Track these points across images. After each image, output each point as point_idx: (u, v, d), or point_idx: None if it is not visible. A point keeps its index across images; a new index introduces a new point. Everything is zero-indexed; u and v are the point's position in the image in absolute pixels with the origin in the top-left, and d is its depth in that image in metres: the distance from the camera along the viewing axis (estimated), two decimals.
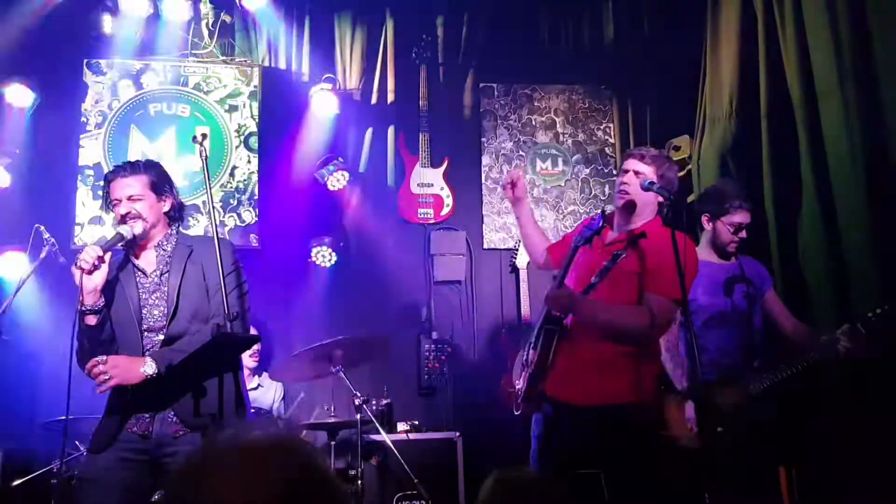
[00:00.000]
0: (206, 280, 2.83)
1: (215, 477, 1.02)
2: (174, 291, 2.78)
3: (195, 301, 2.81)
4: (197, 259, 2.85)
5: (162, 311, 2.78)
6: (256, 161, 5.51)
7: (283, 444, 1.07)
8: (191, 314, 2.79)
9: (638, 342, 3.06)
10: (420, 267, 5.52)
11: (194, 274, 2.83)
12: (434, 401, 5.27)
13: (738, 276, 3.66)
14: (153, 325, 2.78)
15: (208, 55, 5.61)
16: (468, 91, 5.80)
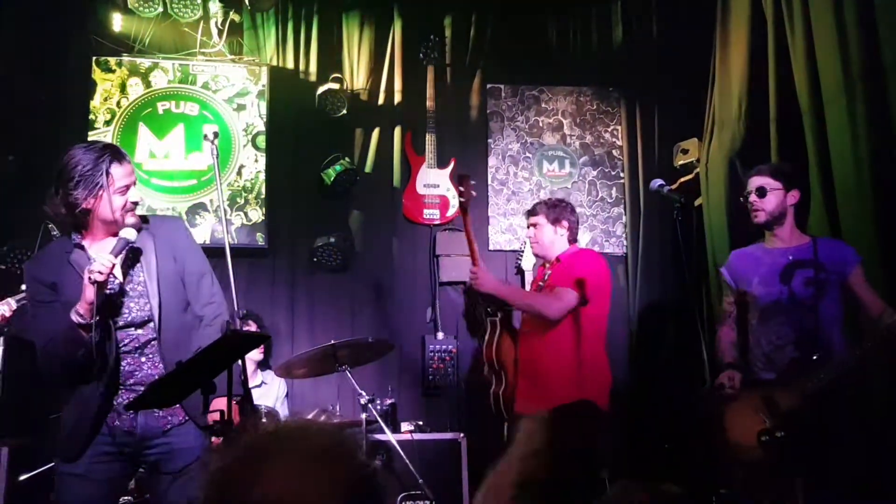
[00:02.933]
0: (178, 265, 2.73)
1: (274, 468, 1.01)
2: (153, 282, 2.64)
3: (177, 290, 2.72)
4: (163, 244, 2.72)
5: (140, 303, 2.65)
6: (264, 160, 5.52)
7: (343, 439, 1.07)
8: (178, 304, 2.70)
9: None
10: (425, 267, 5.53)
11: (164, 258, 2.71)
12: (438, 401, 5.27)
13: (804, 262, 3.36)
14: (132, 320, 2.65)
15: (217, 54, 5.62)
16: (475, 92, 5.80)
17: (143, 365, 2.64)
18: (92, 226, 2.64)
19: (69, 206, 2.56)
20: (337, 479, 1.00)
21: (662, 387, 5.11)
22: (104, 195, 2.56)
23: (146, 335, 2.66)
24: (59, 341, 2.52)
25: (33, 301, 2.65)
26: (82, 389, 2.60)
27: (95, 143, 2.78)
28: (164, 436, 2.63)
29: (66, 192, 2.54)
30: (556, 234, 3.95)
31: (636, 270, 5.53)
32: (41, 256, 2.86)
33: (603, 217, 5.73)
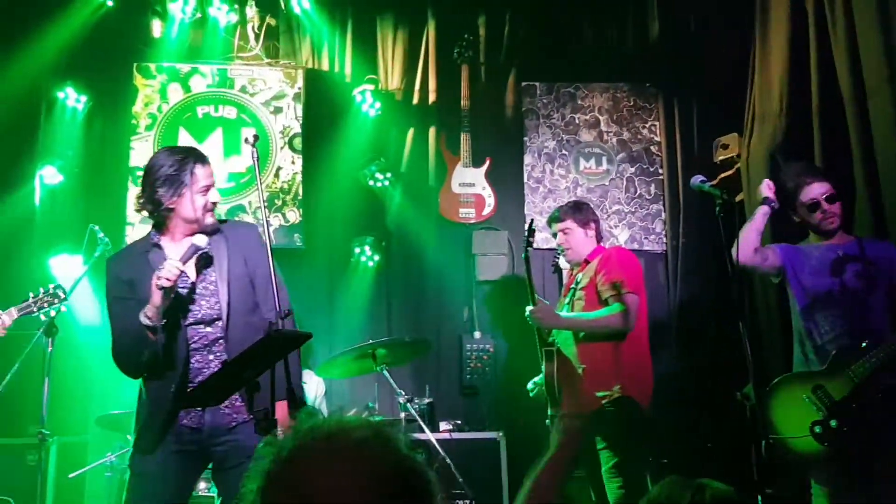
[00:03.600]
0: (249, 268, 2.81)
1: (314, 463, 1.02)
2: (223, 283, 2.74)
3: (246, 292, 2.80)
4: (235, 247, 2.81)
5: (210, 302, 2.75)
6: (300, 162, 5.58)
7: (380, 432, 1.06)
8: (246, 305, 2.78)
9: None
10: (462, 267, 5.53)
11: (235, 261, 2.80)
12: (476, 400, 5.28)
13: (852, 256, 3.37)
14: (202, 317, 2.74)
15: (254, 58, 5.70)
16: (510, 90, 5.78)
17: (210, 363, 2.72)
18: (172, 225, 2.75)
19: (155, 204, 2.69)
20: (376, 472, 1.00)
21: (705, 384, 5.05)
22: (187, 194, 2.69)
23: (214, 333, 2.74)
24: (129, 338, 2.62)
25: (111, 297, 2.75)
26: (153, 385, 2.69)
27: (179, 147, 2.97)
28: (229, 433, 2.70)
29: (152, 190, 2.68)
30: (587, 236, 3.94)
31: (676, 268, 5.47)
32: (123, 253, 2.98)
33: (641, 214, 5.68)
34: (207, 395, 2.63)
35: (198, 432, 2.69)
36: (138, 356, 2.62)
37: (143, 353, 2.61)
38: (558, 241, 4.02)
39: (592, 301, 3.75)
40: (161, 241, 2.77)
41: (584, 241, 3.93)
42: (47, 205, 5.35)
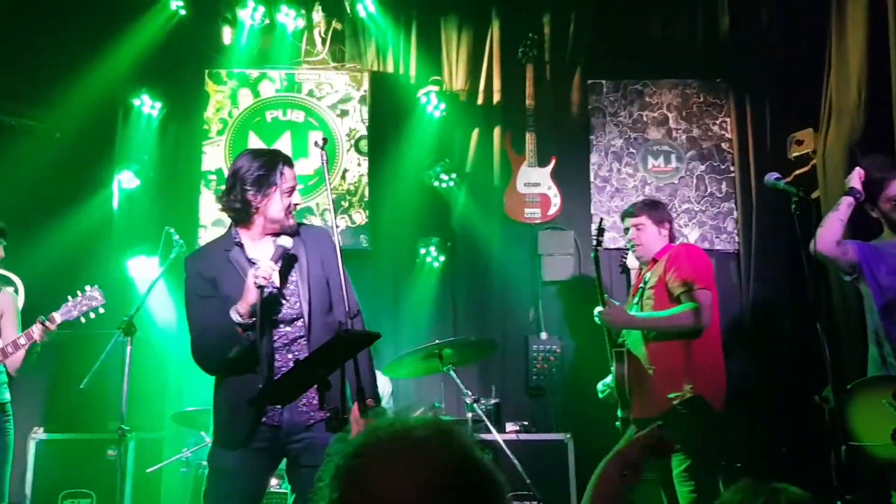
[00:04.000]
0: (324, 270, 2.86)
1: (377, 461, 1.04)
2: (304, 283, 2.79)
3: (323, 293, 2.85)
4: (312, 249, 2.86)
5: (291, 302, 2.79)
6: (366, 164, 5.64)
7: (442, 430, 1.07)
8: (323, 306, 2.83)
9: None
10: (527, 267, 5.49)
11: (313, 263, 2.85)
12: (543, 401, 5.24)
13: None
14: (283, 317, 2.78)
15: (320, 62, 5.79)
16: (576, 88, 5.71)
17: (290, 362, 2.75)
18: (255, 225, 2.80)
19: (244, 204, 2.73)
20: (438, 470, 1.01)
21: (779, 386, 4.91)
22: (275, 195, 2.74)
23: (294, 333, 2.78)
24: (214, 334, 2.67)
25: (192, 294, 2.79)
26: (236, 382, 2.72)
27: (264, 149, 2.99)
28: (306, 431, 2.74)
29: (242, 190, 2.72)
30: (660, 234, 3.86)
31: (749, 267, 5.32)
32: (203, 251, 3.03)
33: (712, 213, 5.54)
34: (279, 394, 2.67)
35: (276, 430, 2.73)
36: (225, 353, 2.65)
37: (230, 350, 2.64)
38: (629, 236, 3.95)
39: (662, 300, 3.68)
40: (242, 240, 2.82)
41: (656, 240, 3.86)
42: (124, 208, 5.55)
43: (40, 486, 4.50)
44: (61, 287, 5.13)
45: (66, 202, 5.40)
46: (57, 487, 4.49)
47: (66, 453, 4.54)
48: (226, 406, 2.76)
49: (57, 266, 5.19)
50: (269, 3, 5.70)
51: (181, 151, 5.78)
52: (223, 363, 2.70)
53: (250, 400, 2.66)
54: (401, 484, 1.00)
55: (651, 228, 3.86)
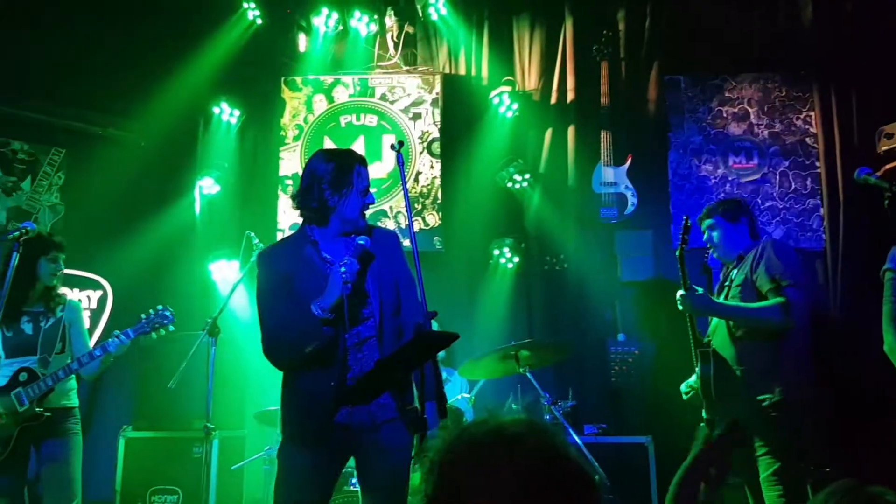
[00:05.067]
0: (395, 273, 2.86)
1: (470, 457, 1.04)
2: (375, 283, 2.79)
3: (393, 294, 2.85)
4: (383, 251, 2.85)
5: (364, 301, 2.78)
6: (439, 166, 5.66)
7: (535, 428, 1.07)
8: (393, 307, 2.83)
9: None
10: (604, 268, 5.40)
11: (384, 265, 2.84)
12: (622, 403, 5.14)
13: None
14: (355, 316, 2.75)
15: (393, 66, 5.85)
16: (652, 85, 5.61)
17: (360, 362, 2.75)
18: (330, 225, 2.80)
19: (321, 203, 2.74)
20: (528, 467, 1.01)
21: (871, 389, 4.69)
22: (350, 195, 2.74)
23: (365, 333, 2.77)
24: (292, 331, 2.67)
25: (265, 289, 2.79)
26: (308, 379, 2.72)
27: (339, 149, 3.09)
28: (375, 430, 2.72)
29: (319, 190, 2.74)
30: (736, 233, 3.73)
31: (836, 266, 5.11)
32: (277, 248, 3.04)
33: (797, 210, 5.35)
34: (360, 394, 2.68)
35: (346, 429, 2.72)
36: (303, 347, 2.65)
37: (308, 345, 2.64)
38: (705, 238, 3.85)
39: (750, 298, 3.54)
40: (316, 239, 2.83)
41: (734, 239, 3.73)
42: (206, 213, 5.72)
43: (129, 482, 4.65)
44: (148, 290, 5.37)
45: (152, 208, 5.60)
46: (145, 484, 4.63)
47: (154, 450, 4.68)
48: (296, 403, 2.76)
49: (143, 270, 5.39)
50: (343, 10, 5.79)
51: (259, 157, 5.93)
52: (298, 358, 2.69)
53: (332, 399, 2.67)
54: (493, 479, 1.01)
55: (725, 228, 3.74)
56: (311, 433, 2.69)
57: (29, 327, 3.76)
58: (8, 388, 3.61)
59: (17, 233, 3.08)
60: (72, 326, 3.90)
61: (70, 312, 3.91)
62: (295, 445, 2.73)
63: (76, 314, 3.95)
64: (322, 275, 2.69)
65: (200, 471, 4.16)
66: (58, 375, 3.62)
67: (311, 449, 2.69)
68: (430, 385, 2.68)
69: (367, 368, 2.73)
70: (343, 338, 2.71)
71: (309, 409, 2.70)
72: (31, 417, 3.60)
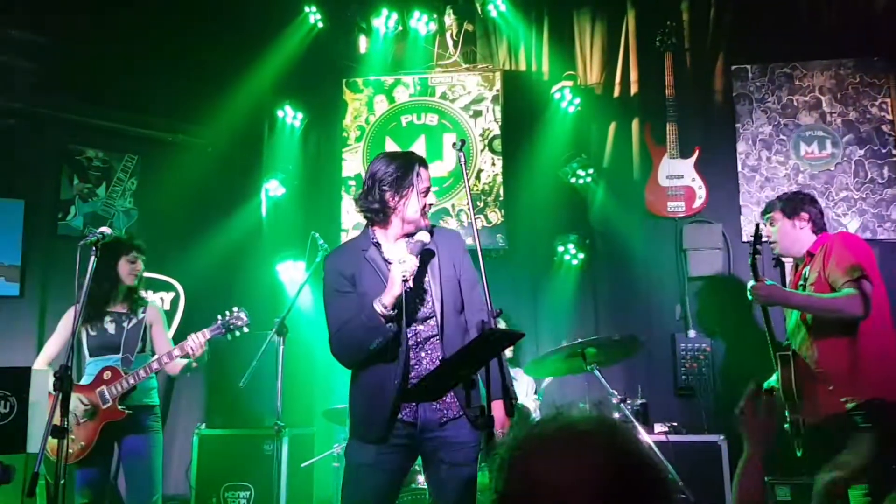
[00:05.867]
0: (457, 272, 2.87)
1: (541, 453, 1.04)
2: (436, 282, 2.81)
3: (455, 293, 2.86)
4: (445, 250, 2.88)
5: (424, 300, 2.81)
6: (500, 163, 5.64)
7: (606, 425, 1.07)
8: (455, 306, 2.84)
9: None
10: (672, 263, 5.30)
11: (445, 264, 2.86)
12: (693, 402, 5.02)
13: None
14: (416, 316, 2.79)
15: (452, 64, 5.85)
16: (719, 75, 5.48)
17: (422, 360, 2.78)
18: (392, 226, 2.85)
19: (382, 205, 2.79)
20: (601, 463, 1.01)
21: None
22: (411, 195, 2.78)
23: (426, 332, 2.80)
24: (357, 327, 2.71)
25: (331, 290, 2.85)
26: (373, 377, 2.76)
27: (399, 151, 3.11)
28: (440, 428, 2.74)
29: (380, 192, 2.79)
30: (795, 227, 3.59)
31: None
32: (342, 250, 3.08)
33: (874, 200, 5.15)
34: (425, 392, 2.68)
35: (412, 427, 2.75)
36: (367, 343, 2.69)
37: (373, 342, 2.68)
38: (766, 232, 3.73)
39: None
40: (379, 240, 2.87)
41: (793, 235, 3.60)
42: (272, 215, 5.83)
43: (203, 478, 4.76)
44: (218, 291, 5.52)
45: (220, 211, 5.74)
46: (219, 480, 4.73)
47: (227, 448, 4.78)
48: (362, 401, 2.80)
49: (213, 272, 5.53)
50: (402, 10, 5.83)
51: (322, 159, 6.01)
52: (363, 355, 2.73)
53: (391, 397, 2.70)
54: (564, 475, 1.01)
55: (783, 223, 3.61)
56: (377, 430, 2.72)
57: (112, 327, 3.91)
58: (92, 385, 3.76)
59: (95, 238, 3.18)
60: (153, 327, 4.04)
61: (151, 314, 4.04)
62: (362, 442, 2.77)
63: (157, 315, 4.09)
64: (384, 274, 2.74)
65: (272, 468, 4.24)
66: (139, 374, 3.74)
67: (378, 446, 2.72)
68: (497, 383, 2.68)
69: (429, 367, 2.76)
70: (405, 335, 2.74)
71: (374, 406, 2.74)
72: (113, 414, 3.72)
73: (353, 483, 2.79)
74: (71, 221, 5.61)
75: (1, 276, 5.33)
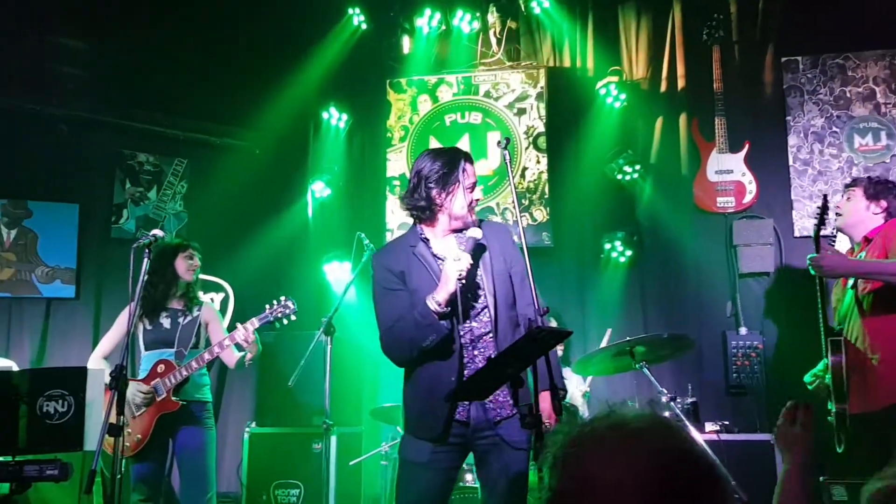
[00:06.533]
0: (508, 265, 2.85)
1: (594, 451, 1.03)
2: (488, 278, 2.79)
3: (507, 288, 2.83)
4: (494, 245, 2.85)
5: (477, 298, 2.78)
6: (545, 160, 5.60)
7: (660, 422, 1.06)
8: (507, 301, 2.82)
9: None
10: (722, 259, 5.21)
11: (496, 258, 2.84)
12: (745, 401, 4.93)
13: None
14: (469, 310, 2.75)
15: (496, 62, 5.84)
16: (768, 67, 5.36)
17: (475, 358, 2.76)
18: (439, 222, 2.83)
19: (428, 201, 2.78)
20: (653, 461, 1.00)
21: None
22: (458, 191, 2.76)
23: (480, 329, 2.78)
24: (409, 325, 2.70)
25: (380, 288, 2.84)
26: (427, 376, 2.75)
27: (444, 148, 3.11)
28: (493, 427, 2.72)
29: (426, 187, 2.77)
30: (868, 210, 3.49)
31: None
32: (390, 248, 3.09)
33: None
34: (475, 390, 2.67)
35: (464, 426, 2.73)
36: (421, 341, 2.67)
37: (426, 339, 2.66)
38: (838, 201, 3.63)
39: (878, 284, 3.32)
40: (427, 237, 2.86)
41: (863, 216, 3.50)
42: (318, 216, 5.89)
43: (254, 476, 4.83)
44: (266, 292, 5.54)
45: (267, 213, 5.82)
46: (269, 478, 4.79)
47: (277, 446, 4.84)
48: (417, 400, 2.79)
49: (261, 272, 5.61)
50: (445, 9, 5.83)
51: (367, 159, 6.05)
52: (416, 353, 2.72)
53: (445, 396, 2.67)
54: (618, 473, 1.00)
55: (860, 201, 3.50)
56: (434, 429, 2.71)
57: (167, 322, 4.00)
58: (147, 379, 3.84)
59: (148, 240, 3.25)
60: (209, 325, 4.12)
61: (207, 312, 4.13)
62: (415, 440, 2.76)
63: (213, 314, 4.17)
64: (434, 271, 2.73)
65: (321, 466, 4.28)
66: (191, 365, 3.81)
67: (433, 445, 2.71)
68: (544, 376, 2.65)
69: (483, 364, 2.73)
70: (458, 332, 2.73)
71: (431, 405, 2.73)
72: (167, 405, 3.80)
73: (407, 481, 2.80)
74: (124, 225, 5.75)
75: (57, 279, 5.48)
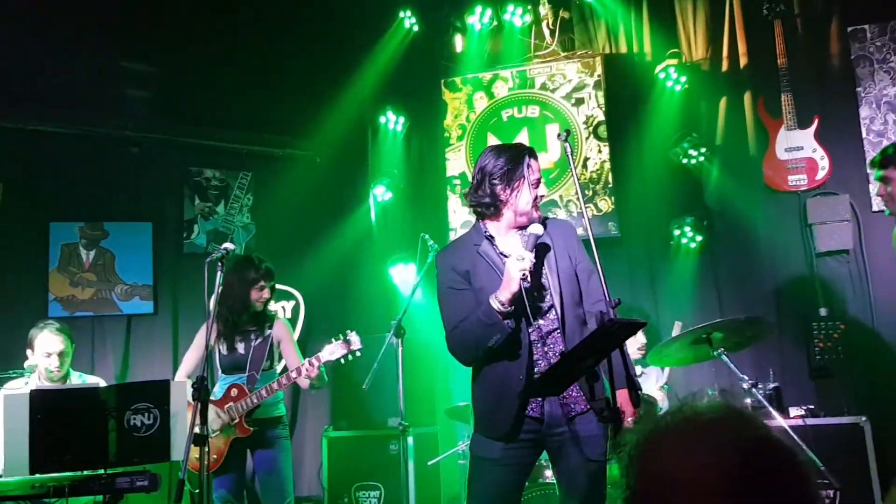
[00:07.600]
0: (573, 262, 2.82)
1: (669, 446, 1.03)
2: (553, 275, 2.77)
3: (573, 285, 2.81)
4: (559, 241, 2.83)
5: (542, 293, 2.77)
6: (607, 149, 5.52)
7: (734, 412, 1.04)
8: (574, 298, 2.79)
9: None
10: (797, 239, 5.03)
11: (561, 256, 2.81)
12: (830, 383, 4.75)
13: None
14: (535, 308, 2.74)
15: (550, 54, 5.78)
16: (834, 38, 5.16)
17: (545, 355, 2.75)
18: (503, 219, 2.82)
19: (493, 197, 2.77)
20: (731, 451, 0.98)
21: None
22: (522, 187, 2.75)
23: (547, 326, 2.77)
24: (474, 325, 2.69)
25: (445, 287, 2.84)
26: (497, 373, 2.74)
27: (507, 144, 3.08)
28: (567, 423, 2.70)
29: (490, 184, 2.77)
30: None
31: None
32: (454, 246, 3.08)
33: None
34: (549, 386, 2.65)
35: (538, 422, 2.72)
36: (485, 340, 2.66)
37: (490, 339, 2.65)
38: (877, 191, 3.44)
39: None
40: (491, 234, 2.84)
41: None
42: (381, 220, 5.95)
43: (334, 479, 4.91)
44: (335, 297, 5.68)
45: (332, 219, 5.91)
46: (349, 481, 4.87)
47: (355, 449, 4.91)
48: (487, 397, 2.78)
49: (329, 278, 5.71)
50: (496, 5, 5.80)
51: (426, 160, 6.08)
52: (482, 353, 2.71)
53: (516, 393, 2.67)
54: (694, 467, 0.98)
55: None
56: (504, 427, 2.70)
57: (241, 346, 4.04)
58: (221, 402, 3.91)
59: (220, 254, 3.32)
60: (282, 343, 4.16)
61: (279, 330, 4.16)
62: (487, 439, 2.76)
63: (285, 331, 4.19)
64: (499, 269, 2.71)
65: (399, 467, 4.31)
66: (261, 394, 3.86)
67: (503, 441, 2.71)
68: (620, 374, 2.62)
69: (553, 361, 2.72)
70: (526, 331, 2.71)
71: (498, 402, 2.73)
72: (241, 431, 3.87)
73: (479, 478, 2.80)
74: (195, 240, 5.90)
75: (136, 296, 5.66)
